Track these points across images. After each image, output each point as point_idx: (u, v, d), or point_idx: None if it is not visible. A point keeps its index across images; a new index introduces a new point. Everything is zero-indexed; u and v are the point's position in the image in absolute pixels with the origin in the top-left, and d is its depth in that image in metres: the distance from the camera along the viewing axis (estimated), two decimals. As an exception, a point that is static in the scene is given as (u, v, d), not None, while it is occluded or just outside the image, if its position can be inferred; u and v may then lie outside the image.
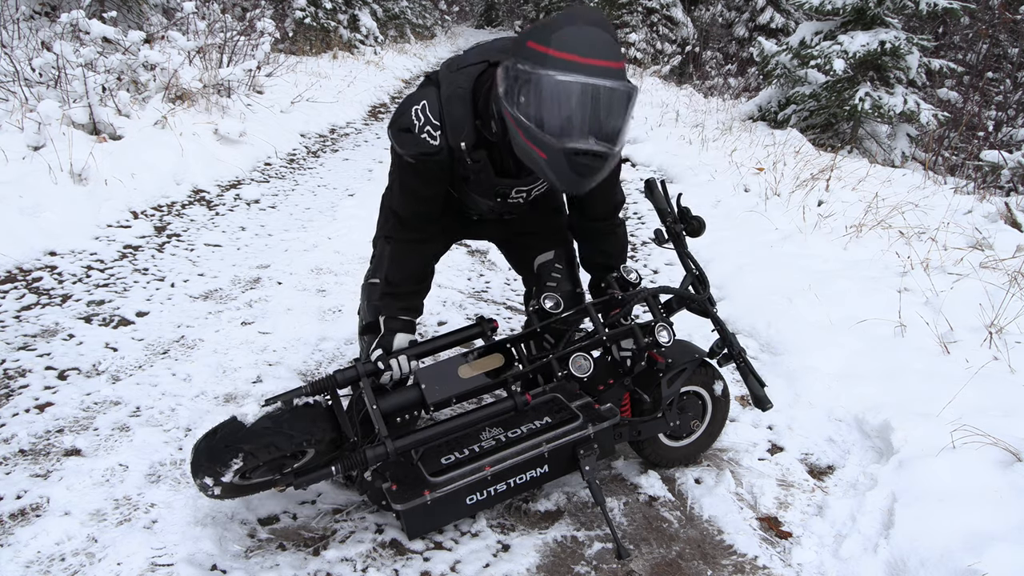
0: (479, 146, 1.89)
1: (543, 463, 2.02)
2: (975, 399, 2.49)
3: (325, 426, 1.91)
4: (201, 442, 1.87)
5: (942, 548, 1.88)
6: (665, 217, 2.20)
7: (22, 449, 2.28)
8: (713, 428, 2.36)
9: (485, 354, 2.01)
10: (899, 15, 8.67)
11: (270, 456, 1.84)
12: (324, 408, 1.94)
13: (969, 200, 5.18)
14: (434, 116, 1.84)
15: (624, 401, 2.21)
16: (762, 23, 16.77)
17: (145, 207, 4.70)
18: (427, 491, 1.90)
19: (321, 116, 8.33)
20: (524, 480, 2.02)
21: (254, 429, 1.84)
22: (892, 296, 3.26)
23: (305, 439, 1.87)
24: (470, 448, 2.02)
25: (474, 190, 2.04)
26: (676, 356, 2.19)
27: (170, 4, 10.05)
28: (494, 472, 1.95)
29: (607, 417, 2.08)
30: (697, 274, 2.18)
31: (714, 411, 2.33)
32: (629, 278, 2.19)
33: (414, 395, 1.96)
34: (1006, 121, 10.47)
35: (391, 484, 1.93)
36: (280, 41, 11.29)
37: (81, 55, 5.51)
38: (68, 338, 3.00)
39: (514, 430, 2.07)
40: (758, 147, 7.01)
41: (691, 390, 2.28)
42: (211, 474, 1.82)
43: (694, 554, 2.03)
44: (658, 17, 18.59)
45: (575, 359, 1.98)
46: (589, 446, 2.03)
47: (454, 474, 1.94)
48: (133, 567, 1.83)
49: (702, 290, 2.18)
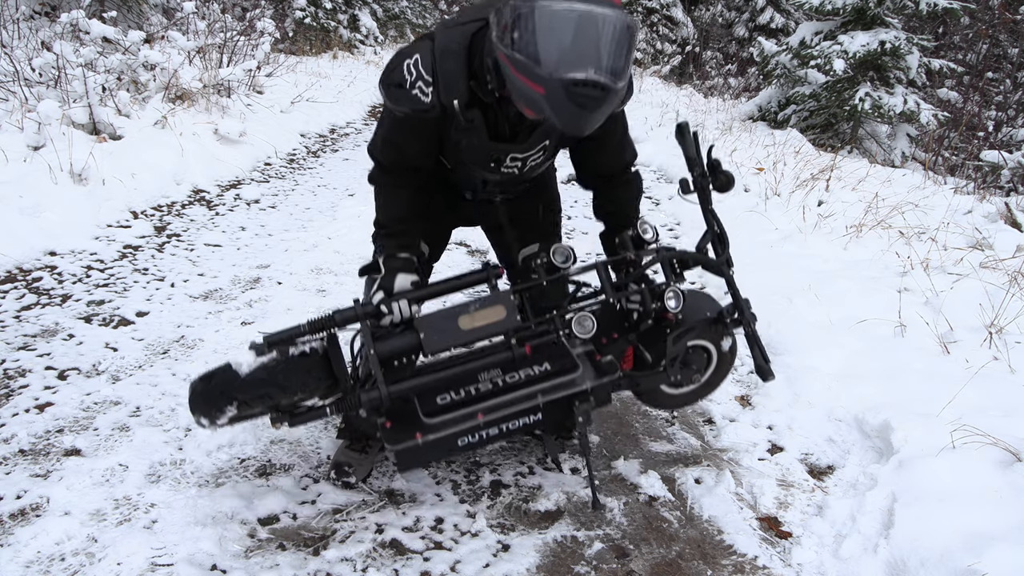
0: (472, 105, 1.82)
1: (537, 411, 1.99)
2: (975, 399, 2.49)
3: (320, 375, 1.89)
4: (197, 384, 1.89)
5: (942, 548, 1.88)
6: (693, 167, 2.06)
7: (22, 449, 2.28)
8: (715, 379, 2.29)
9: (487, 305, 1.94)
10: (899, 15, 8.67)
11: (264, 405, 1.87)
12: (320, 357, 1.91)
13: (969, 200, 5.18)
14: (427, 71, 1.78)
15: (627, 353, 2.15)
16: (762, 23, 16.78)
17: (145, 207, 4.70)
18: (419, 434, 1.89)
19: (321, 116, 8.33)
20: (517, 426, 1.99)
21: (248, 380, 1.84)
22: (892, 296, 3.26)
23: (299, 390, 1.87)
24: (467, 390, 1.98)
25: (468, 157, 1.97)
26: (688, 311, 2.09)
27: (170, 4, 10.05)
28: (487, 419, 1.94)
29: (607, 372, 2.02)
30: (718, 232, 2.07)
31: (719, 364, 2.26)
32: (645, 236, 2.07)
33: (412, 341, 1.91)
34: (1006, 121, 10.46)
35: (385, 421, 1.91)
36: (280, 41, 11.29)
37: (81, 55, 5.51)
38: (68, 338, 3.00)
39: (512, 375, 2.01)
40: (758, 147, 7.01)
41: (698, 344, 2.20)
42: (207, 416, 1.87)
43: (694, 554, 2.03)
44: (658, 17, 18.61)
45: (579, 319, 1.94)
46: (585, 398, 1.99)
47: (447, 418, 1.92)
48: (133, 567, 1.83)
49: (721, 250, 2.07)
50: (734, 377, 2.99)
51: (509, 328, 1.94)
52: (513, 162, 1.97)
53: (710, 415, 2.73)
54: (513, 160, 1.96)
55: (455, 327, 1.91)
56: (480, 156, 1.95)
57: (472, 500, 2.20)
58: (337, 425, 2.46)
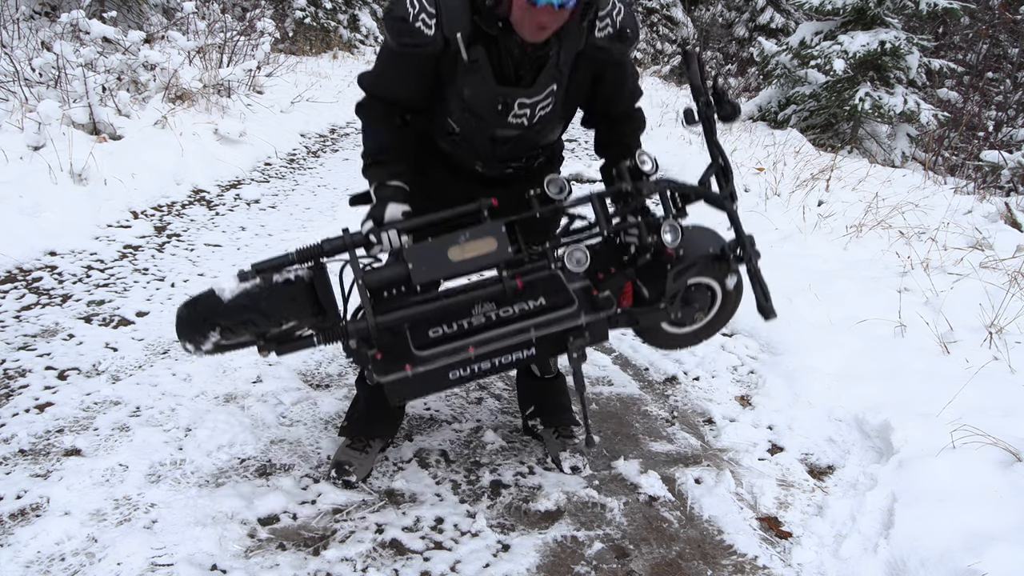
0: (476, 42, 1.81)
1: (530, 346, 1.93)
2: (975, 399, 2.49)
3: (304, 303, 1.85)
4: (182, 309, 1.86)
5: (942, 548, 1.88)
6: (698, 96, 1.98)
7: (22, 449, 2.28)
8: (718, 320, 2.20)
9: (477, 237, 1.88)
10: (899, 15, 8.68)
11: (247, 332, 1.82)
12: (305, 285, 1.86)
13: (969, 200, 5.19)
14: (429, 4, 1.78)
15: (626, 288, 2.07)
16: (762, 23, 16.79)
17: (145, 207, 4.70)
18: (409, 366, 1.84)
19: (321, 116, 8.33)
20: (510, 360, 1.93)
21: (231, 306, 1.79)
22: (892, 296, 3.26)
23: (283, 318, 1.82)
24: (459, 323, 1.92)
25: (474, 104, 1.91)
26: (689, 247, 2.01)
27: (170, 4, 10.06)
28: (479, 353, 1.88)
29: (603, 307, 1.94)
30: (722, 165, 2.00)
31: (723, 303, 2.16)
32: (644, 168, 1.98)
33: (401, 271, 1.86)
34: (1006, 121, 10.47)
35: (376, 352, 1.86)
36: (280, 41, 11.29)
37: (81, 55, 5.51)
38: (68, 338, 3.00)
39: (506, 309, 1.94)
40: (758, 147, 7.01)
41: (701, 282, 2.11)
42: (191, 342, 1.84)
43: (694, 554, 2.03)
44: (658, 17, 18.61)
45: (572, 253, 1.87)
46: (580, 334, 1.92)
47: (438, 350, 1.86)
48: (133, 567, 1.83)
49: (725, 183, 2.00)
50: (734, 377, 2.99)
51: (500, 260, 1.87)
52: (522, 109, 1.92)
53: (710, 415, 2.73)
54: (521, 107, 1.91)
55: (444, 258, 1.85)
56: (487, 102, 1.90)
57: (472, 500, 2.20)
58: (338, 424, 2.47)
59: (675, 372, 3.03)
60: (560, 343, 1.94)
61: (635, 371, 3.07)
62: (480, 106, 1.91)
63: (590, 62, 1.92)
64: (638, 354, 3.20)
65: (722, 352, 3.16)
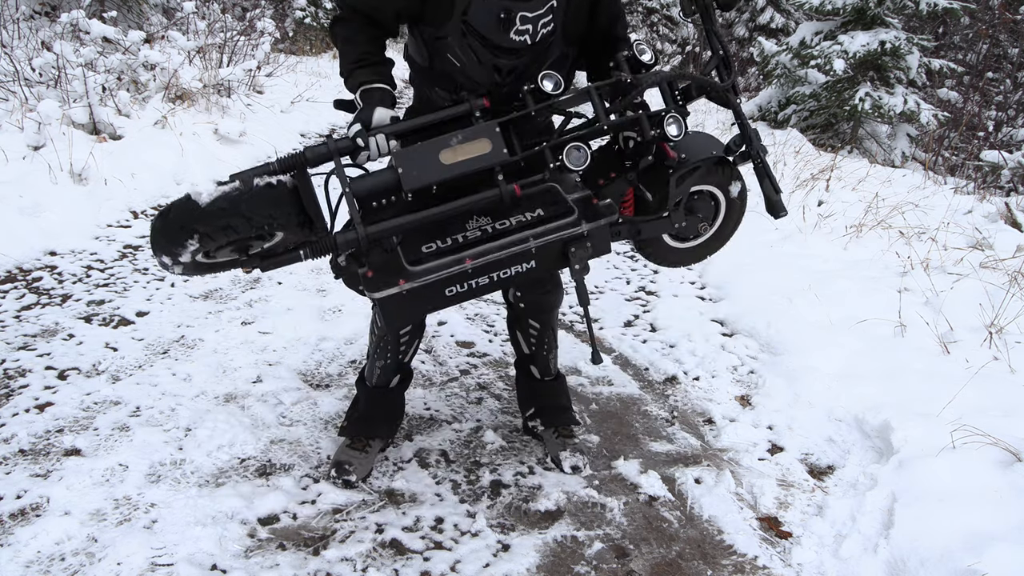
0: None
1: (530, 259, 1.83)
2: (975, 399, 2.49)
3: (289, 209, 1.73)
4: (157, 220, 1.72)
5: (942, 548, 1.88)
6: None
7: (22, 449, 2.28)
8: (723, 231, 2.12)
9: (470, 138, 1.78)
10: (899, 15, 8.68)
11: (228, 239, 1.70)
12: (288, 190, 1.74)
13: (969, 200, 5.19)
14: None
15: (627, 197, 1.99)
16: (762, 23, 16.78)
17: (145, 207, 4.70)
18: (403, 280, 1.75)
19: (321, 116, 8.32)
20: (509, 275, 1.84)
21: (209, 210, 1.66)
22: (892, 296, 3.26)
23: (266, 223, 1.71)
24: (453, 237, 1.83)
25: (476, 20, 1.84)
26: (690, 151, 1.93)
27: (170, 4, 10.06)
28: (475, 265, 1.78)
29: (604, 214, 1.85)
30: (723, 56, 1.90)
31: (727, 213, 2.08)
32: (642, 58, 1.87)
33: (390, 178, 1.76)
34: (1006, 121, 10.47)
35: (367, 270, 1.77)
36: (280, 41, 11.29)
37: (81, 55, 5.51)
38: (68, 338, 3.00)
39: (502, 221, 1.86)
40: (758, 147, 7.01)
41: (704, 189, 2.02)
42: (168, 254, 1.70)
43: (694, 554, 2.03)
44: (658, 17, 18.61)
45: (569, 149, 1.77)
46: (582, 244, 1.82)
47: (432, 264, 1.78)
48: (133, 567, 1.83)
49: (727, 76, 1.90)
50: (734, 377, 2.99)
51: (495, 162, 1.76)
52: (524, 24, 1.86)
53: (710, 415, 2.73)
54: (524, 21, 1.85)
55: (436, 162, 1.75)
56: (490, 15, 1.83)
57: (472, 500, 2.20)
58: (338, 424, 2.47)
59: (675, 372, 3.03)
60: (561, 253, 1.84)
61: (635, 371, 3.07)
62: (481, 20, 1.84)
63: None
64: (638, 354, 3.20)
65: (722, 352, 3.16)
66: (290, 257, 1.76)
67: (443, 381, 2.88)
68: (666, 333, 3.39)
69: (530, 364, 2.41)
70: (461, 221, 1.85)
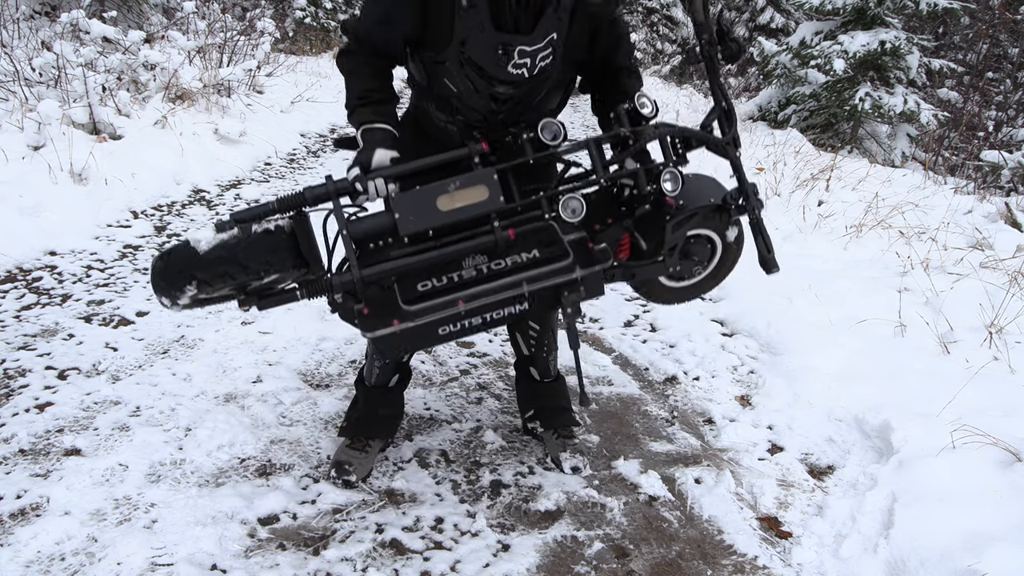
0: None
1: (523, 301, 1.86)
2: (975, 399, 2.49)
3: (285, 256, 1.75)
4: (157, 262, 1.77)
5: (942, 548, 1.88)
6: (701, 34, 1.89)
7: (22, 449, 2.28)
8: (718, 273, 2.13)
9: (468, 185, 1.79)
10: (899, 15, 8.68)
11: (225, 285, 1.74)
12: (286, 235, 1.77)
13: (969, 200, 5.19)
14: None
15: (623, 240, 2.00)
16: (762, 23, 16.79)
17: (145, 207, 4.70)
18: (397, 321, 1.79)
19: (321, 116, 8.33)
20: (501, 316, 1.87)
21: (207, 258, 1.70)
22: (892, 296, 3.27)
23: (262, 269, 1.74)
24: (449, 276, 1.85)
25: (474, 54, 1.83)
26: (689, 197, 1.92)
27: (170, 4, 10.06)
28: (469, 308, 1.82)
29: (599, 260, 1.87)
30: (725, 108, 1.91)
31: (723, 256, 2.10)
32: (643, 111, 1.88)
33: (387, 221, 1.77)
34: (1006, 121, 10.47)
35: (363, 307, 1.80)
36: (280, 41, 11.29)
37: (81, 55, 5.52)
38: (68, 338, 3.00)
39: (498, 261, 1.87)
40: (758, 147, 7.01)
41: (701, 233, 2.03)
42: (168, 296, 1.76)
43: (694, 554, 2.03)
44: (658, 17, 18.62)
45: (567, 201, 1.79)
46: (575, 288, 1.86)
47: (427, 305, 1.81)
48: (133, 567, 1.83)
49: (728, 128, 1.91)
50: (734, 377, 2.99)
51: (492, 209, 1.78)
52: (522, 58, 1.84)
53: (710, 415, 2.73)
54: (522, 55, 1.83)
55: (433, 207, 1.76)
56: (486, 49, 1.81)
57: (472, 500, 2.20)
58: (338, 424, 2.47)
59: (675, 372, 3.03)
60: (554, 297, 1.87)
61: (635, 371, 3.07)
62: (480, 54, 1.82)
63: (586, 16, 1.87)
64: (638, 354, 3.20)
65: (722, 352, 3.16)
66: (287, 296, 1.80)
67: (443, 381, 2.88)
68: (666, 333, 3.39)
69: (530, 365, 2.41)
70: (457, 260, 1.86)
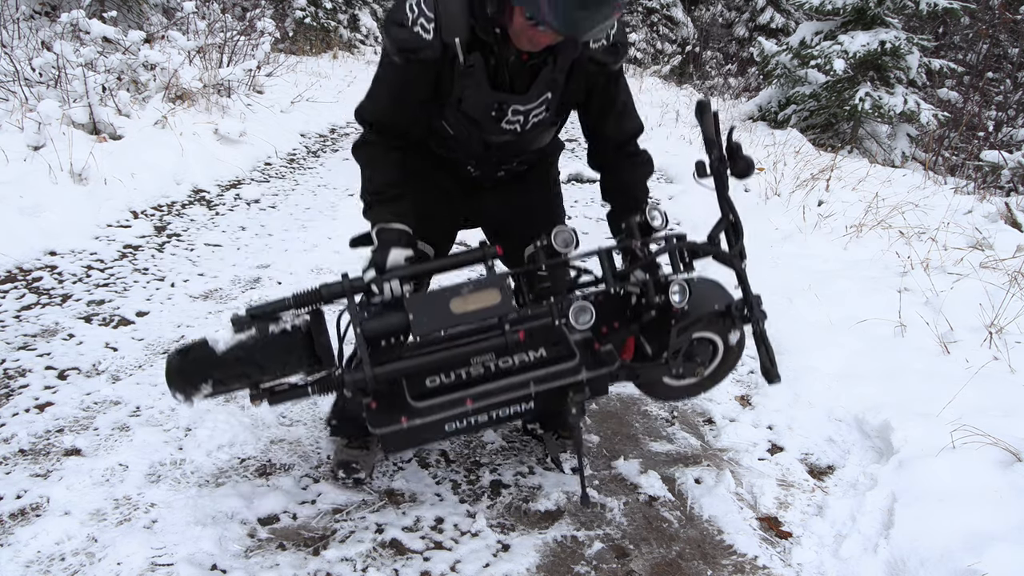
0: (473, 48, 1.82)
1: (529, 400, 1.90)
2: (975, 399, 2.49)
3: (300, 355, 1.82)
4: (174, 358, 1.81)
5: (942, 548, 1.88)
6: (711, 149, 1.96)
7: (22, 449, 2.28)
8: (718, 373, 2.19)
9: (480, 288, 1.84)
10: (899, 15, 8.68)
11: (240, 384, 1.81)
12: (302, 335, 1.83)
13: (969, 200, 5.18)
14: (428, 9, 1.79)
15: (628, 343, 2.05)
16: (762, 23, 16.79)
17: (145, 207, 4.70)
18: (405, 418, 1.82)
19: (321, 116, 8.33)
20: (508, 414, 1.91)
21: (225, 358, 1.77)
22: (892, 296, 3.26)
23: (279, 369, 1.81)
24: (457, 373, 1.91)
25: (469, 109, 1.91)
26: (695, 302, 1.97)
27: (170, 4, 10.06)
28: (477, 406, 1.86)
29: (605, 363, 1.92)
30: (733, 221, 1.98)
31: (724, 358, 2.15)
32: (653, 224, 1.97)
33: (401, 320, 1.82)
34: (1006, 121, 10.47)
35: (371, 402, 1.85)
36: (280, 41, 11.29)
37: (81, 55, 5.51)
38: (68, 338, 3.00)
39: (505, 359, 1.92)
40: (758, 147, 7.01)
41: (704, 336, 2.09)
42: (183, 392, 1.80)
43: (694, 554, 2.03)
44: (658, 17, 18.62)
45: (576, 310, 1.84)
46: (580, 389, 1.90)
47: (434, 402, 1.85)
48: (133, 567, 1.83)
49: (735, 241, 1.98)
50: (734, 377, 2.99)
51: (503, 313, 1.83)
52: (515, 116, 1.93)
53: (710, 415, 2.73)
54: (515, 114, 1.92)
55: (446, 310, 1.80)
56: (481, 107, 1.90)
57: (472, 500, 2.20)
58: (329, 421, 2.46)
59: (675, 372, 3.02)
60: (560, 397, 1.92)
61: (635, 371, 3.07)
62: (475, 111, 1.91)
63: (585, 74, 1.92)
64: (638, 354, 3.19)
65: (722, 352, 3.16)
66: (298, 392, 1.85)
67: (443, 381, 2.88)
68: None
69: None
70: (466, 357, 1.90)
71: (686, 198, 5.57)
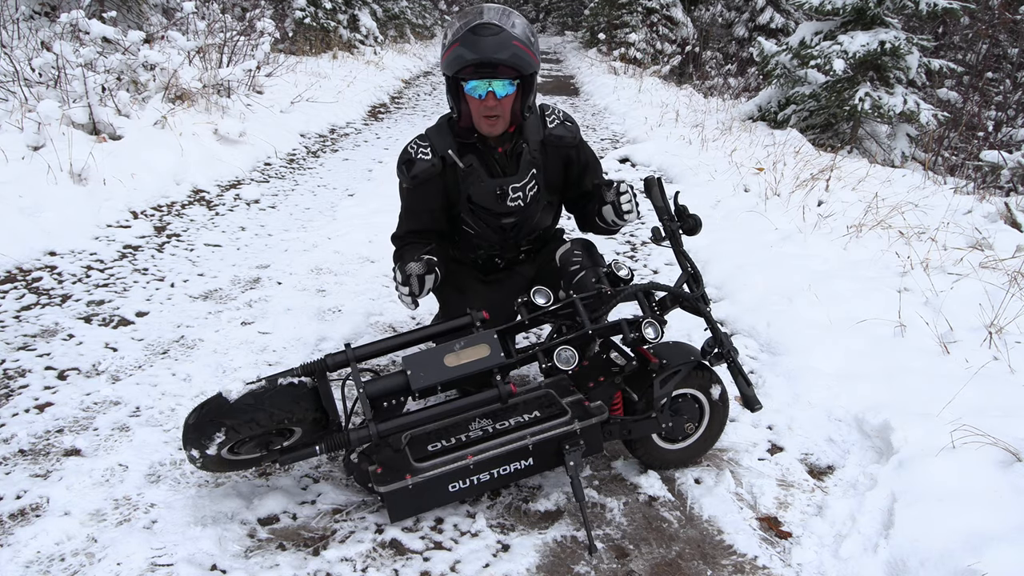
0: (465, 152, 2.33)
1: (528, 455, 2.06)
2: (975, 399, 2.49)
3: (307, 405, 1.99)
4: (191, 415, 1.97)
5: (942, 548, 1.88)
6: (663, 215, 2.23)
7: (22, 449, 2.28)
8: (710, 433, 2.33)
9: (471, 344, 2.06)
10: (899, 15, 8.68)
11: (252, 432, 1.93)
12: (308, 388, 2.01)
13: (969, 200, 5.18)
14: (423, 141, 2.37)
15: (616, 400, 2.21)
16: (762, 23, 16.79)
17: (145, 207, 4.70)
18: (409, 475, 1.95)
19: (321, 116, 8.33)
20: (508, 471, 2.06)
21: (237, 406, 1.92)
22: (892, 296, 3.26)
23: (286, 416, 1.95)
24: (457, 437, 2.07)
25: (480, 201, 2.36)
26: (671, 357, 2.20)
27: (170, 4, 10.07)
28: (477, 461, 2.00)
29: (595, 414, 2.10)
30: (692, 272, 2.21)
31: (711, 415, 2.31)
32: (620, 274, 2.23)
33: (400, 380, 2.01)
34: (1006, 121, 10.47)
35: (377, 467, 1.98)
36: (280, 41, 11.29)
37: (81, 55, 5.51)
38: (68, 338, 3.00)
39: (502, 422, 2.11)
40: (758, 147, 7.01)
41: (687, 392, 2.26)
42: (196, 446, 1.93)
43: (694, 554, 2.03)
44: (658, 17, 18.61)
45: (560, 351, 2.01)
46: (575, 441, 2.06)
47: (437, 461, 1.99)
48: (133, 567, 1.83)
49: (695, 288, 2.19)
50: (734, 377, 2.98)
51: (494, 365, 2.03)
52: (516, 193, 2.39)
53: (710, 415, 2.72)
54: (515, 191, 2.38)
55: (441, 365, 2.01)
56: (487, 194, 2.37)
57: (472, 500, 2.20)
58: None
59: (675, 372, 3.02)
60: (557, 451, 2.07)
61: (635, 371, 3.07)
62: (483, 200, 2.38)
63: (554, 148, 2.42)
64: (638, 354, 3.19)
65: (722, 352, 3.16)
66: (307, 452, 1.98)
67: (443, 381, 2.88)
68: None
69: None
70: (464, 423, 2.11)
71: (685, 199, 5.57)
